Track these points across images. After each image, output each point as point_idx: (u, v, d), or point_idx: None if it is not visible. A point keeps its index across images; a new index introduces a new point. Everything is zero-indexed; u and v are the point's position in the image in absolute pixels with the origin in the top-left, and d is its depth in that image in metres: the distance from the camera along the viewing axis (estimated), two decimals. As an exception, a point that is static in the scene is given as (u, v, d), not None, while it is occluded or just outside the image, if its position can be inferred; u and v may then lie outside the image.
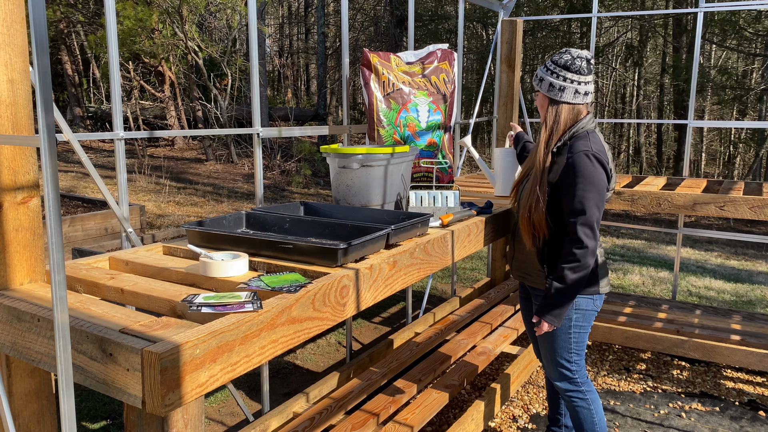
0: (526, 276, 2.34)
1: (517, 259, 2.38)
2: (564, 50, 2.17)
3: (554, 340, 2.28)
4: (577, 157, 2.07)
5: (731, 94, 14.13)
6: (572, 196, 2.06)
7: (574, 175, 2.06)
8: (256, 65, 2.65)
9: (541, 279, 2.28)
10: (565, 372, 2.31)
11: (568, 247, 2.08)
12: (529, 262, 2.30)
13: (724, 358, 3.48)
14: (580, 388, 2.32)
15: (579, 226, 2.05)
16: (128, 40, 10.80)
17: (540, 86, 2.20)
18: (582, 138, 2.11)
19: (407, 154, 2.47)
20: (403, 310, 4.87)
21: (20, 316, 1.43)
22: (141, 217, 6.28)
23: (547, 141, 2.17)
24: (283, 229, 2.11)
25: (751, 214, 3.05)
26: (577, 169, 2.06)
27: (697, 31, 4.02)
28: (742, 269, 6.92)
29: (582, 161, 2.06)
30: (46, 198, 1.07)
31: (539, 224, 2.15)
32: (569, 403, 2.37)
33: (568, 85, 2.13)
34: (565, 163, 2.09)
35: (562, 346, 2.28)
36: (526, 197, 2.19)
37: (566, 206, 2.09)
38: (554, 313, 2.13)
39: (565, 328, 2.25)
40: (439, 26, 15.98)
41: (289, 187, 10.82)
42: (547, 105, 2.19)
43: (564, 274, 2.08)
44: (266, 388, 2.89)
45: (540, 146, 2.19)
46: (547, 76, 2.17)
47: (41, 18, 1.03)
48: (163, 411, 1.17)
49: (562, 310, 2.12)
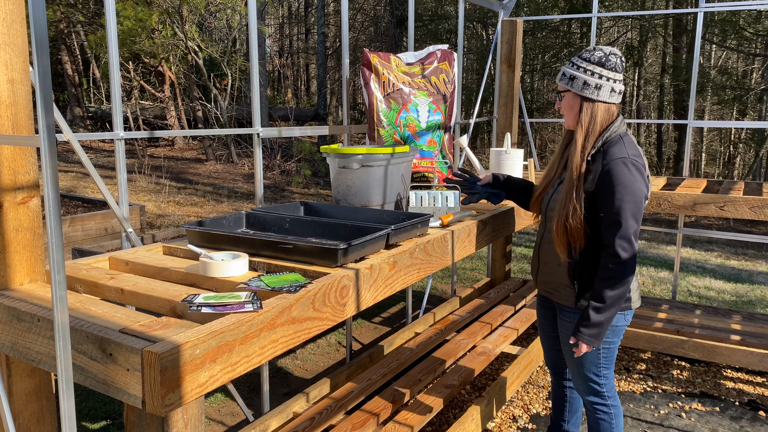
0: (553, 292, 2.23)
1: (543, 272, 2.26)
2: (592, 48, 2.05)
3: (584, 356, 2.18)
4: (614, 164, 1.96)
5: (731, 94, 14.13)
6: (609, 206, 1.96)
7: (612, 185, 1.95)
8: (256, 65, 2.65)
9: (569, 296, 2.16)
10: (594, 386, 2.23)
11: (605, 261, 1.98)
12: (556, 277, 2.18)
13: (724, 358, 3.48)
14: (606, 402, 2.25)
15: (616, 239, 1.95)
16: (128, 40, 10.80)
17: (571, 85, 2.04)
18: (616, 143, 2.01)
19: (407, 154, 2.47)
20: (403, 310, 4.87)
21: (20, 316, 1.43)
22: (141, 217, 6.28)
23: (583, 144, 2.03)
24: (283, 229, 2.11)
25: (751, 214, 3.05)
26: (614, 178, 1.95)
27: (697, 31, 4.02)
28: (742, 269, 6.92)
29: (620, 169, 1.95)
30: (46, 198, 1.07)
31: (577, 234, 2.02)
32: (592, 414, 2.29)
33: (605, 83, 2.01)
34: (601, 171, 1.98)
35: (591, 361, 2.18)
36: (560, 206, 2.04)
37: (603, 218, 1.99)
38: (593, 333, 2.01)
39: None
40: (439, 26, 15.98)
41: (289, 187, 10.82)
42: (579, 105, 2.05)
43: (602, 292, 1.98)
44: (266, 388, 2.89)
45: (575, 151, 2.04)
46: (580, 73, 2.02)
47: (41, 18, 1.03)
48: (163, 411, 1.17)
49: (601, 330, 2.01)
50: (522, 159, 3.04)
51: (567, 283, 2.14)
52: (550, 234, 2.14)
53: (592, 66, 2.02)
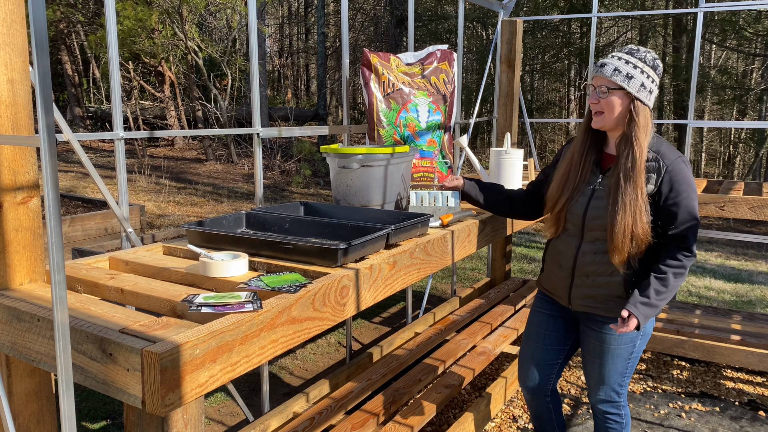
0: (596, 306, 2.08)
1: (582, 286, 2.09)
2: (636, 47, 1.96)
3: (615, 365, 2.11)
4: (676, 164, 1.92)
5: (731, 94, 14.13)
6: (680, 206, 1.92)
7: (680, 183, 1.91)
8: (256, 65, 2.65)
9: (619, 307, 2.03)
10: (614, 396, 2.17)
11: (674, 253, 1.94)
12: (604, 290, 2.04)
13: (724, 358, 3.48)
14: (620, 412, 2.20)
15: (691, 235, 1.92)
16: (128, 40, 10.81)
17: (628, 84, 1.90)
18: (663, 143, 1.98)
19: (407, 154, 2.47)
20: (403, 310, 4.87)
21: (20, 316, 1.43)
22: (141, 217, 6.28)
23: (642, 147, 1.92)
24: (283, 229, 2.11)
25: (751, 214, 3.05)
26: (681, 177, 1.92)
27: (697, 31, 4.02)
28: (742, 269, 6.92)
29: (683, 168, 1.93)
30: (46, 198, 1.07)
31: (643, 240, 1.92)
32: (603, 423, 2.24)
33: (654, 89, 1.95)
34: (666, 171, 1.92)
35: (620, 372, 2.12)
36: (621, 213, 1.91)
37: (672, 217, 1.93)
38: (647, 313, 1.92)
39: (627, 354, 2.09)
40: (439, 26, 15.98)
41: (289, 187, 10.82)
42: (628, 106, 1.93)
43: (668, 277, 1.92)
44: (266, 388, 2.89)
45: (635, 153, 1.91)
46: (638, 74, 1.91)
47: (41, 18, 1.03)
48: (163, 411, 1.17)
49: (652, 312, 1.94)
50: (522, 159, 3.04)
51: (619, 294, 2.02)
52: (597, 245, 2.02)
53: (648, 68, 1.93)
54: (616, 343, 2.08)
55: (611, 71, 1.92)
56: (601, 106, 1.95)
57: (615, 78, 1.91)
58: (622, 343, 2.08)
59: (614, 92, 1.92)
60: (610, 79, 1.92)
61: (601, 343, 2.10)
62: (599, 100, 1.95)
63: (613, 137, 2.05)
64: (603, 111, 1.95)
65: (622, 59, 1.93)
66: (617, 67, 1.92)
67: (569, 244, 2.10)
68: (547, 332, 2.25)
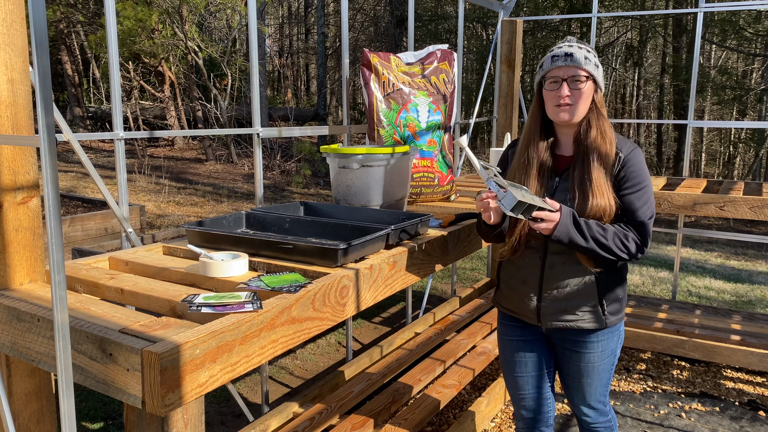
0: (573, 320, 1.91)
1: (553, 300, 1.92)
2: (570, 38, 1.90)
3: (600, 379, 2.00)
4: (633, 154, 1.85)
5: (731, 94, 14.13)
6: (639, 196, 1.82)
7: (636, 174, 1.83)
8: (256, 65, 2.65)
9: (596, 316, 1.90)
10: (600, 406, 2.07)
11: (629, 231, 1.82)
12: (578, 299, 1.90)
13: (724, 358, 3.48)
14: (607, 417, 2.11)
15: (644, 228, 1.82)
16: (128, 40, 10.81)
17: (597, 72, 1.84)
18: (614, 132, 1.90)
19: (407, 154, 2.47)
20: (403, 310, 4.87)
21: (20, 316, 1.43)
22: (141, 217, 6.28)
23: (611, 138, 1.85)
24: (283, 229, 2.11)
25: (751, 214, 3.05)
26: (638, 168, 1.83)
27: (697, 31, 4.02)
28: (742, 269, 6.92)
29: (642, 157, 1.85)
30: (46, 198, 1.07)
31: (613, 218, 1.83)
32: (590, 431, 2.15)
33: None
34: (623, 161, 1.83)
35: (605, 383, 2.03)
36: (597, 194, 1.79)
37: (627, 208, 1.83)
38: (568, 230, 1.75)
39: (610, 365, 1.99)
40: (439, 26, 15.98)
41: (289, 187, 10.82)
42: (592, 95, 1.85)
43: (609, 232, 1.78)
44: (266, 388, 2.89)
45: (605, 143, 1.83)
46: (597, 61, 1.86)
47: (41, 18, 1.03)
48: (163, 411, 1.17)
49: (575, 234, 1.75)
50: (522, 159, 3.04)
51: (594, 301, 1.89)
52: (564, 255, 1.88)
53: (594, 54, 1.87)
54: (599, 359, 1.96)
55: (582, 59, 1.81)
56: (572, 98, 1.82)
57: (587, 66, 1.81)
58: (605, 356, 1.97)
59: (587, 81, 1.82)
60: (584, 68, 1.81)
61: (584, 362, 1.97)
62: (572, 91, 1.82)
63: (568, 134, 1.92)
64: (573, 103, 1.83)
65: (582, 48, 1.84)
66: (585, 56, 1.82)
67: (532, 258, 1.93)
68: (526, 359, 2.06)
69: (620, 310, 1.97)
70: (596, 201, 1.79)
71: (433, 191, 2.89)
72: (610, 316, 1.92)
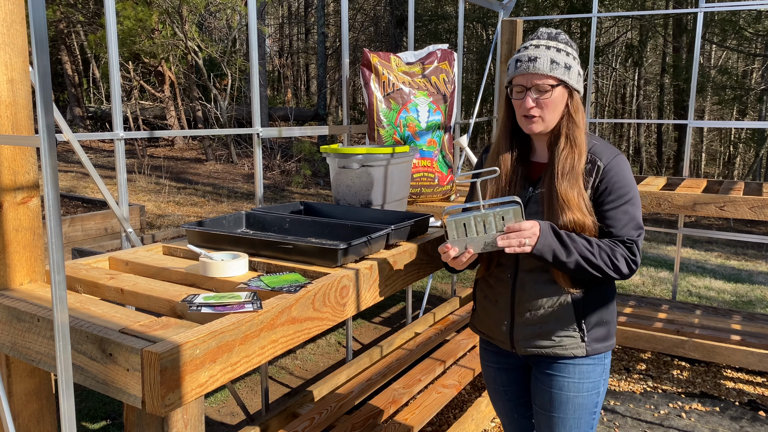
0: (546, 345, 1.69)
1: (526, 324, 1.70)
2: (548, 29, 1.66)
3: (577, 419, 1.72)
4: (616, 162, 1.63)
5: (731, 94, 14.13)
6: (625, 210, 1.62)
7: (619, 185, 1.62)
8: (256, 65, 2.65)
9: (576, 342, 1.67)
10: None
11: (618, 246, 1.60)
12: (555, 322, 1.67)
13: (724, 358, 3.48)
14: None
15: (638, 245, 1.62)
16: (128, 40, 10.81)
17: (569, 76, 1.59)
18: (593, 138, 1.68)
19: (407, 154, 2.47)
20: (403, 310, 4.87)
21: (20, 316, 1.43)
22: (141, 217, 6.28)
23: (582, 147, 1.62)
24: (283, 229, 2.11)
25: (751, 214, 3.05)
26: (620, 177, 1.62)
27: (697, 31, 4.02)
28: (742, 269, 6.92)
29: (625, 166, 1.64)
30: (46, 198, 1.07)
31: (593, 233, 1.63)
32: None
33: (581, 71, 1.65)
34: (603, 171, 1.62)
35: (584, 429, 1.74)
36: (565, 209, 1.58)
37: (611, 223, 1.62)
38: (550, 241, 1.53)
39: (592, 404, 1.72)
40: (439, 26, 15.98)
41: (289, 187, 10.82)
42: (566, 100, 1.62)
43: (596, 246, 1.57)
44: (266, 388, 2.89)
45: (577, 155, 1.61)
46: (571, 61, 1.60)
47: (41, 18, 1.03)
48: (163, 411, 1.17)
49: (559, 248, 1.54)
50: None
51: (573, 325, 1.67)
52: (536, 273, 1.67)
53: (573, 50, 1.62)
54: (575, 388, 1.69)
55: (548, 64, 1.57)
56: (539, 109, 1.60)
57: (555, 72, 1.57)
58: (583, 388, 1.70)
59: (555, 89, 1.58)
60: (550, 74, 1.57)
61: (558, 390, 1.71)
62: (538, 101, 1.59)
63: (542, 140, 1.71)
64: (541, 115, 1.61)
65: (551, 47, 1.60)
66: (553, 58, 1.57)
67: (501, 276, 1.74)
68: (506, 387, 1.89)
69: (607, 337, 1.71)
70: (568, 216, 1.58)
71: (433, 191, 2.89)
72: (593, 343, 1.68)
